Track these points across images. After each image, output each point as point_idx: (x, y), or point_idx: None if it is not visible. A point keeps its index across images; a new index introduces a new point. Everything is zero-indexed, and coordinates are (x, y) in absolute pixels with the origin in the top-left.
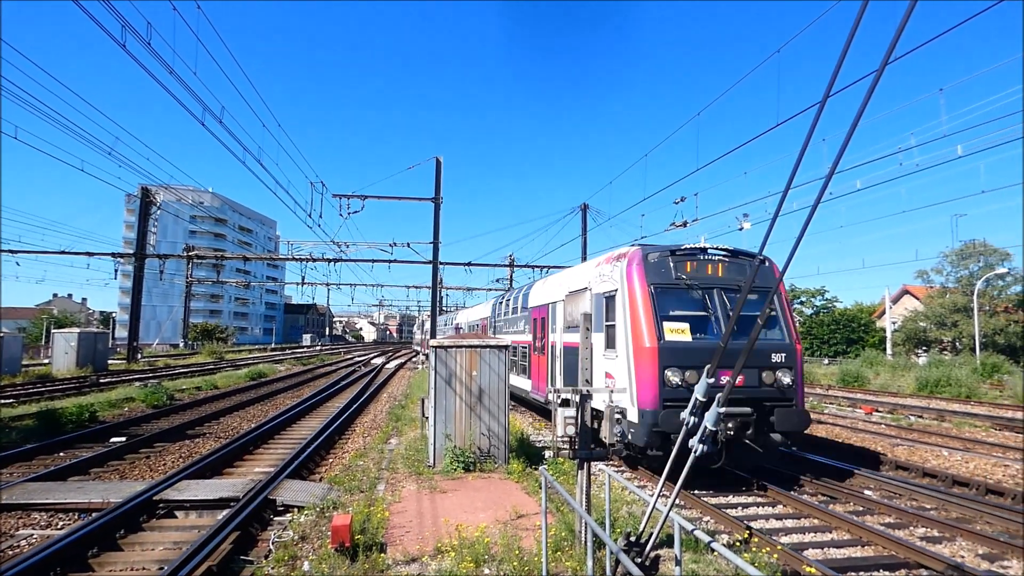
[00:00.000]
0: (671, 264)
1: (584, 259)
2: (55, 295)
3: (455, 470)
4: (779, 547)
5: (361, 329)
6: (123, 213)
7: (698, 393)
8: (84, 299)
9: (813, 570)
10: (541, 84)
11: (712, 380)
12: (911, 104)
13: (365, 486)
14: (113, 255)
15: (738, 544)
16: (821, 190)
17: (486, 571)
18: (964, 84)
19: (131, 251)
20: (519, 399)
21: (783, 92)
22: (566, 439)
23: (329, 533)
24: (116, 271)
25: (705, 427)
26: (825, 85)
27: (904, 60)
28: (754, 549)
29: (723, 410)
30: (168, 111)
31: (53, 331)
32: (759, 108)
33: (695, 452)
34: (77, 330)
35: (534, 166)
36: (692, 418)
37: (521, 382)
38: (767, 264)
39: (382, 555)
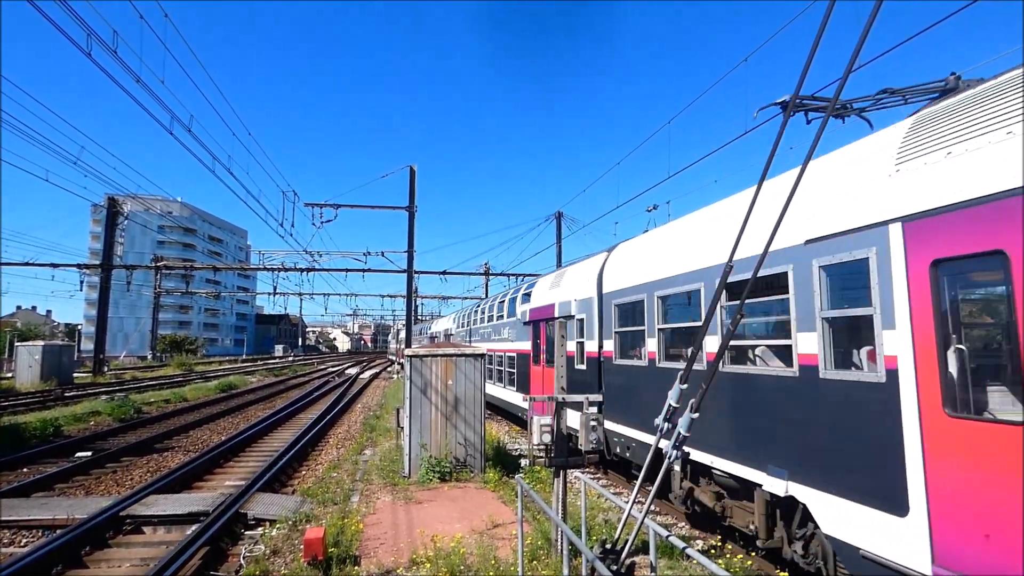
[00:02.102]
0: None
1: (559, 267)
2: (19, 307)
3: (431, 480)
4: (753, 553)
5: (335, 339)
6: (89, 224)
7: (671, 399)
8: (49, 311)
9: (785, 575)
10: (515, 94)
11: (685, 386)
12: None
13: (339, 498)
14: (79, 266)
15: (713, 550)
16: (789, 196)
17: None
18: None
19: (97, 262)
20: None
21: (752, 98)
22: (542, 447)
23: (302, 546)
24: (82, 283)
25: (679, 432)
26: (792, 92)
27: (868, 67)
28: (728, 555)
29: (696, 415)
30: (135, 120)
31: (16, 344)
32: (729, 116)
33: (669, 458)
34: (41, 343)
35: (509, 175)
36: (666, 424)
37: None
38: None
39: (356, 568)
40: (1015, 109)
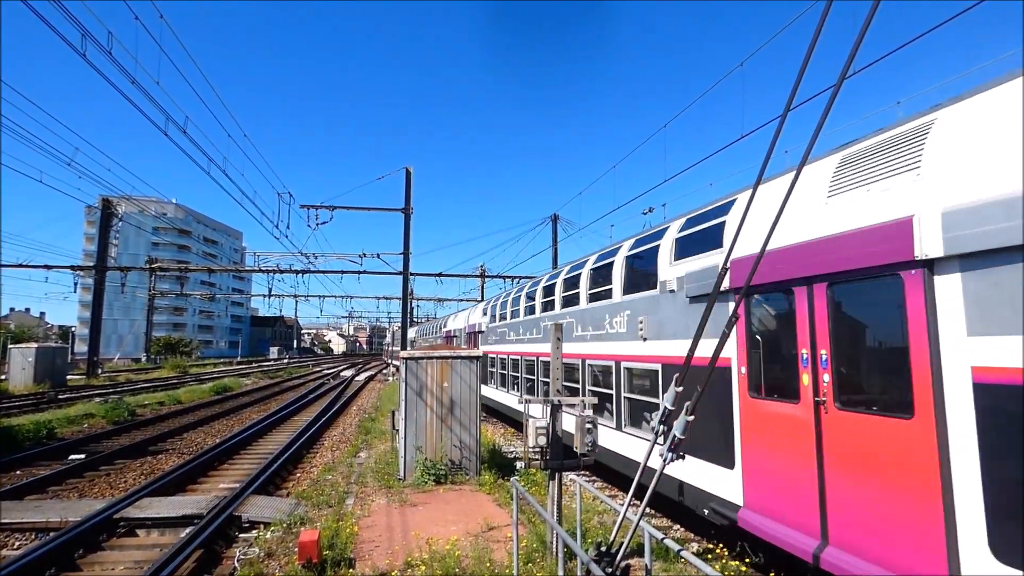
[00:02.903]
0: None
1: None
2: (12, 309)
3: (426, 483)
4: (748, 557)
5: (330, 341)
6: (83, 225)
7: (666, 402)
8: (42, 313)
9: None
10: (512, 96)
11: (681, 388)
12: (869, 117)
13: (334, 501)
14: (73, 268)
15: (708, 553)
16: (784, 201)
17: None
18: (921, 97)
19: (91, 264)
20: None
21: (747, 103)
22: (537, 450)
23: (296, 549)
24: (76, 284)
25: (674, 435)
26: (787, 96)
27: (862, 74)
28: (724, 559)
29: (690, 419)
30: (130, 121)
31: (9, 346)
32: (724, 120)
33: (665, 460)
34: (35, 345)
35: (505, 178)
36: (661, 427)
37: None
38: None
39: (350, 571)
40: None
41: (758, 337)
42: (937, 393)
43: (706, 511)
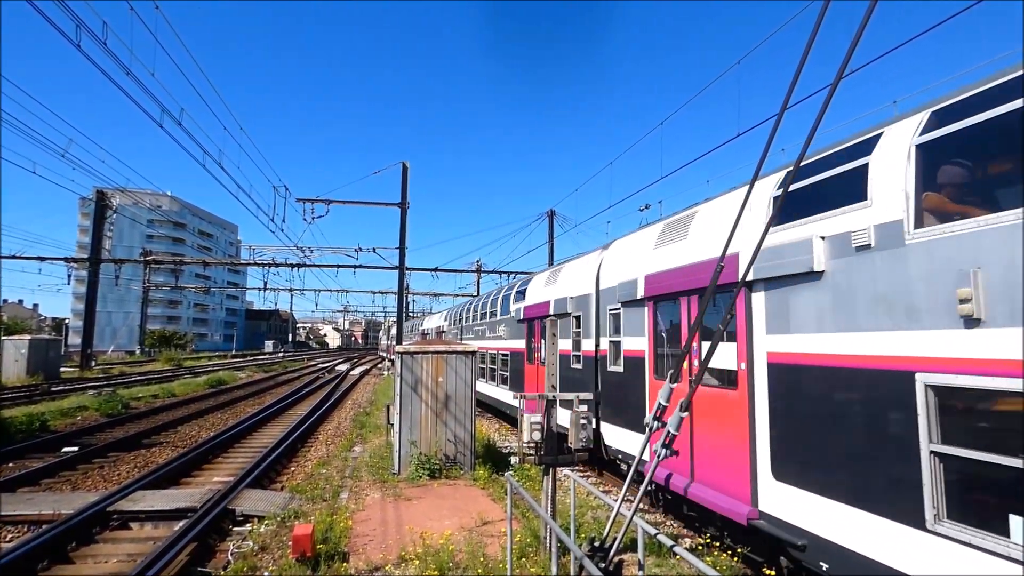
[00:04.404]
0: None
1: (551, 265)
2: (5, 301)
3: (420, 477)
4: (740, 550)
5: (325, 335)
6: (77, 217)
7: (661, 398)
8: (35, 305)
9: (772, 573)
10: (509, 93)
11: (675, 384)
12: (866, 116)
13: (328, 495)
14: (66, 260)
15: (701, 548)
16: (781, 198)
17: None
18: (917, 96)
19: (85, 256)
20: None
21: (744, 101)
22: (532, 445)
23: (290, 543)
24: (69, 276)
25: (668, 431)
26: (783, 95)
27: (860, 73)
28: (716, 553)
29: (684, 415)
30: (125, 113)
31: (2, 338)
32: (721, 117)
33: (659, 456)
34: (27, 337)
35: (502, 174)
36: (655, 422)
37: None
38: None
39: (344, 564)
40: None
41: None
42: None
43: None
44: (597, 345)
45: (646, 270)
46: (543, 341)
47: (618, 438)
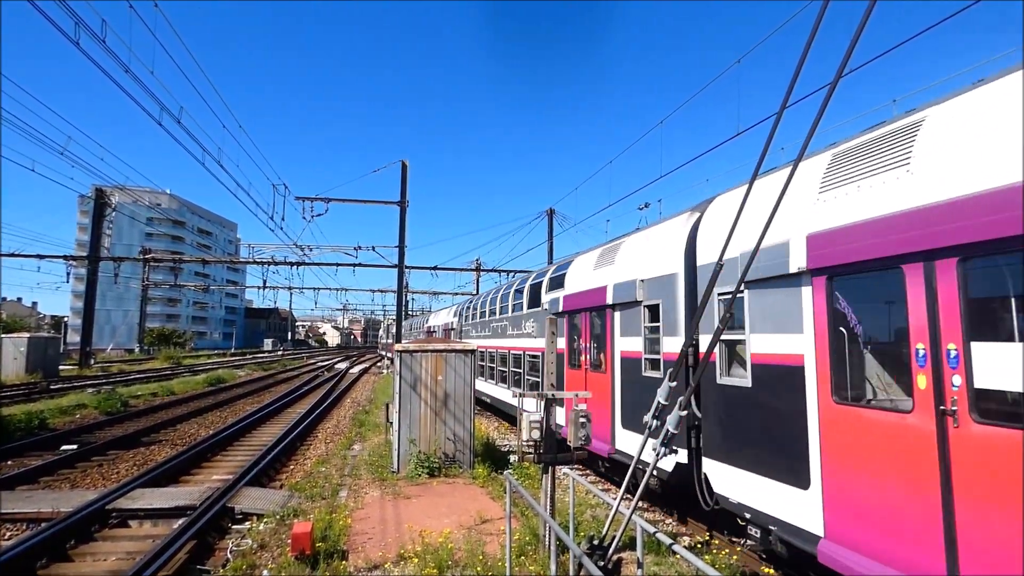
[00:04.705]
0: None
1: (550, 263)
2: (4, 299)
3: (420, 475)
4: (738, 548)
5: (325, 333)
6: (76, 215)
7: (660, 396)
8: (34, 303)
9: (771, 571)
10: (509, 92)
11: (675, 383)
12: (865, 115)
13: (327, 493)
14: (65, 258)
15: (699, 546)
16: (780, 195)
17: None
18: (917, 96)
19: (84, 254)
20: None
21: (744, 100)
22: (531, 443)
23: (289, 541)
24: (68, 274)
25: (667, 430)
26: (783, 94)
27: (859, 72)
28: (714, 551)
29: (684, 413)
30: (124, 111)
31: (1, 336)
32: (721, 116)
33: (658, 455)
34: (26, 335)
35: (501, 173)
36: (655, 421)
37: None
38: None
39: (343, 562)
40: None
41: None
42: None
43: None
44: (693, 346)
45: (808, 227)
46: (591, 340)
47: (744, 487)
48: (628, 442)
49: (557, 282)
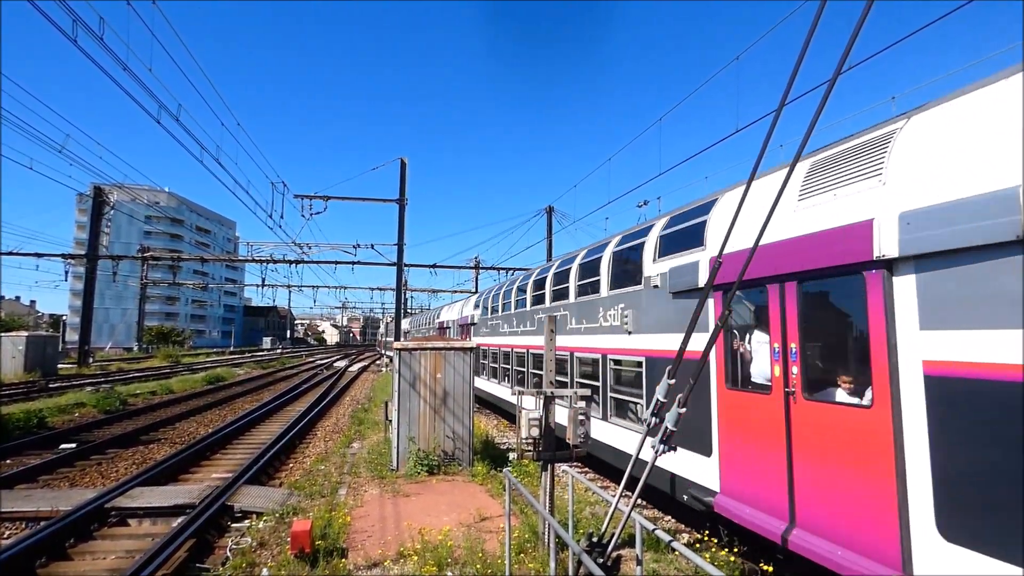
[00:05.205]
0: None
1: (549, 261)
2: (2, 297)
3: (419, 473)
4: (737, 547)
5: (324, 331)
6: (74, 213)
7: (659, 394)
8: (33, 301)
9: (771, 569)
10: (509, 91)
11: (673, 381)
12: (864, 112)
13: (326, 491)
14: (64, 256)
15: (698, 543)
16: (779, 193)
17: (449, 574)
18: (915, 93)
19: (83, 252)
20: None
21: (742, 97)
22: (530, 441)
23: (289, 539)
24: (67, 273)
25: (666, 427)
26: (782, 91)
27: (858, 69)
28: (714, 548)
29: (683, 411)
30: (122, 108)
31: (0, 334)
32: (720, 114)
33: (656, 452)
34: (25, 333)
35: (500, 171)
36: (653, 418)
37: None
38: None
39: (343, 560)
40: None
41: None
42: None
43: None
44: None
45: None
46: (810, 340)
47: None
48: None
49: (686, 237)
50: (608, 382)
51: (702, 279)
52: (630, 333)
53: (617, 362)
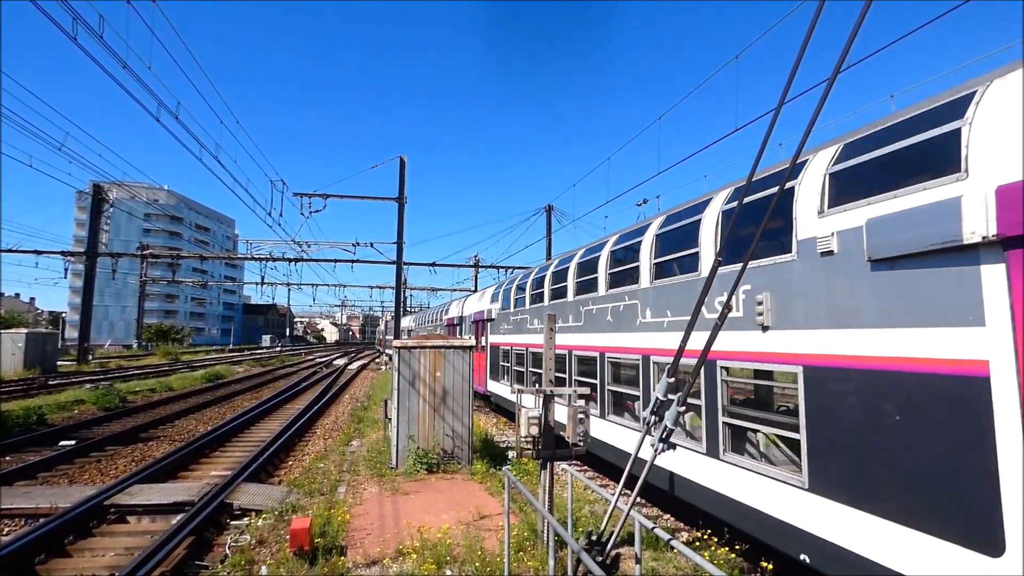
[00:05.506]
0: None
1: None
2: (2, 294)
3: (418, 471)
4: (738, 545)
5: (323, 330)
6: (74, 211)
7: (658, 392)
8: (32, 299)
9: (771, 566)
10: (508, 90)
11: (673, 379)
12: (862, 111)
13: (326, 489)
14: (63, 254)
15: (697, 542)
16: (779, 191)
17: (448, 572)
18: (914, 91)
19: (82, 249)
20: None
21: (742, 96)
22: (530, 439)
23: (288, 537)
24: (66, 270)
25: (665, 426)
26: (781, 90)
27: (857, 67)
28: (713, 547)
29: (682, 409)
30: (121, 106)
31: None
32: (719, 112)
33: (656, 450)
34: (24, 330)
35: (500, 169)
36: (653, 416)
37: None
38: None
39: (342, 558)
40: None
41: None
42: None
43: None
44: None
45: None
46: None
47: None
48: None
49: (916, 159)
50: (720, 402)
51: (970, 228)
52: (765, 329)
53: (728, 370)
